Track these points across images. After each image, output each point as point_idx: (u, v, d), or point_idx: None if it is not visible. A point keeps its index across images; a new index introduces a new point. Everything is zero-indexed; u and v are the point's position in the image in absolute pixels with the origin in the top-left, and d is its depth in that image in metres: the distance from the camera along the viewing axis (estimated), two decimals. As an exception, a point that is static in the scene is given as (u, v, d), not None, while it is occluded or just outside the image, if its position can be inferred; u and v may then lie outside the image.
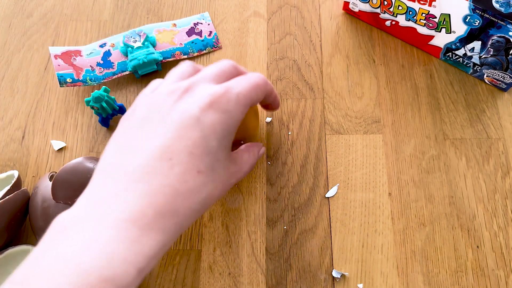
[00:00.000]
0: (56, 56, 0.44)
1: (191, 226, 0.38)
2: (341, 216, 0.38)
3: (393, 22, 0.45)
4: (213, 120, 0.27)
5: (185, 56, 0.46)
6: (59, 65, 0.44)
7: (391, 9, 0.43)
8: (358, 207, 0.38)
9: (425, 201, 0.39)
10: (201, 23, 0.48)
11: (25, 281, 0.21)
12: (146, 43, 0.45)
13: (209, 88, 0.28)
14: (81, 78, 0.44)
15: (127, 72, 0.44)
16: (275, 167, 0.40)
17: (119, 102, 0.44)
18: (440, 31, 0.42)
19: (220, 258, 0.37)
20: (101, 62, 0.45)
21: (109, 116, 0.42)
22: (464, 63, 0.43)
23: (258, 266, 0.36)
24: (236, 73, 0.31)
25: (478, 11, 0.38)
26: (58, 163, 0.41)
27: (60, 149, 0.42)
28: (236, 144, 0.35)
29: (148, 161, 0.25)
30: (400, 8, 0.43)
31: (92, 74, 0.44)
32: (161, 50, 0.45)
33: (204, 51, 0.46)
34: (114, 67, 0.45)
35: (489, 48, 0.40)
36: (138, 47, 0.44)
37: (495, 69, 0.41)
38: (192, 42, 0.47)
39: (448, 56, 0.44)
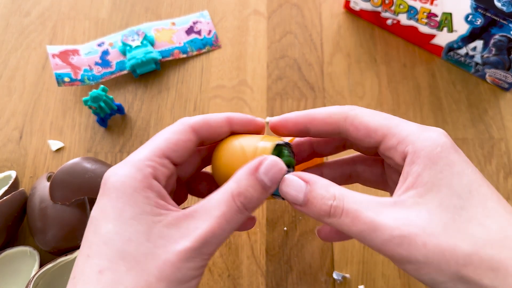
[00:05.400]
0: (53, 55, 0.44)
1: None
2: (342, 217, 0.38)
3: (395, 21, 0.44)
4: (98, 203, 0.23)
5: (184, 55, 0.45)
6: (56, 64, 0.43)
7: (393, 8, 0.43)
8: (359, 208, 0.38)
9: (426, 202, 0.38)
10: (200, 22, 0.47)
11: None
12: (144, 42, 0.44)
13: None
14: (79, 77, 0.43)
15: (125, 71, 0.44)
16: (275, 167, 0.40)
17: (117, 101, 0.43)
18: (442, 30, 0.42)
19: (219, 260, 0.36)
20: (99, 61, 0.45)
21: (107, 116, 0.41)
22: (466, 63, 0.43)
23: (258, 268, 0.36)
24: None
25: (480, 10, 0.37)
26: (56, 163, 0.41)
27: (58, 149, 0.42)
28: None
29: None
30: (401, 6, 0.42)
31: (90, 74, 0.44)
32: (159, 49, 0.45)
33: (204, 50, 0.46)
34: (112, 66, 0.44)
35: (491, 48, 0.39)
36: (137, 46, 0.44)
37: (497, 68, 0.41)
38: (191, 41, 0.46)
39: (450, 55, 0.43)
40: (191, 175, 0.29)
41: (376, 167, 0.29)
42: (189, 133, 0.25)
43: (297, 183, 0.24)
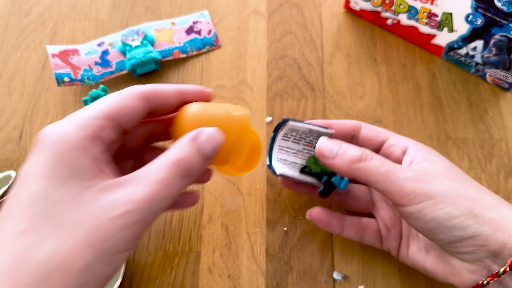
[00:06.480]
0: (53, 55, 0.44)
1: (190, 228, 0.38)
2: (342, 217, 0.38)
3: (395, 21, 0.44)
4: (30, 159, 0.21)
5: (184, 55, 0.45)
6: (56, 64, 0.43)
7: (393, 8, 0.43)
8: (359, 208, 0.38)
9: (427, 202, 0.38)
10: (200, 22, 0.47)
11: None
12: (144, 42, 0.44)
13: None
14: (79, 77, 0.43)
15: (125, 71, 0.44)
16: (275, 167, 0.40)
17: (117, 101, 0.43)
18: (442, 30, 0.42)
19: (219, 260, 0.36)
20: (99, 61, 0.45)
21: (107, 116, 0.41)
22: (466, 63, 0.43)
23: (258, 268, 0.36)
24: None
25: (480, 10, 0.37)
26: (56, 163, 0.41)
27: (58, 149, 0.42)
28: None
29: None
30: (401, 6, 0.42)
31: (90, 73, 0.44)
32: (159, 49, 0.45)
33: (203, 50, 0.46)
34: (112, 66, 0.44)
35: (492, 47, 0.39)
36: (137, 46, 0.44)
37: (497, 68, 0.41)
38: (191, 41, 0.46)
39: (450, 55, 0.43)
40: (137, 146, 0.29)
41: None
42: (139, 99, 0.25)
43: (332, 141, 0.30)
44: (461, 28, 0.40)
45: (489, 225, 0.25)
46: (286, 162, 0.35)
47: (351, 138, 0.34)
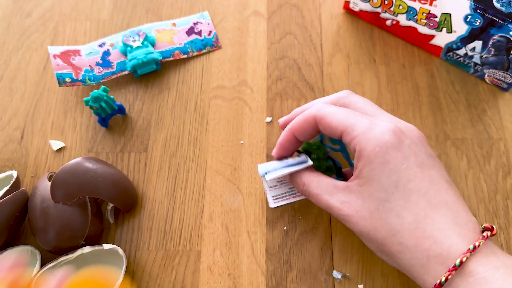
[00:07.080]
0: (55, 56, 0.44)
1: (191, 227, 0.38)
2: (342, 217, 0.38)
3: (394, 22, 0.45)
4: None
5: (185, 56, 0.46)
6: (58, 65, 0.43)
7: (392, 9, 0.43)
8: (359, 208, 0.38)
9: (426, 201, 0.38)
10: (201, 23, 0.48)
11: None
12: (145, 42, 0.44)
13: None
14: (80, 77, 0.44)
15: (126, 72, 0.44)
16: (275, 167, 0.40)
17: (118, 102, 0.44)
18: (441, 31, 0.42)
19: (219, 259, 0.37)
20: (100, 61, 0.45)
21: (108, 116, 0.42)
22: (465, 63, 0.43)
23: (258, 267, 0.36)
24: None
25: (479, 11, 0.37)
26: (57, 163, 0.41)
27: (59, 149, 0.42)
28: None
29: None
30: (401, 7, 0.42)
31: (91, 74, 0.44)
32: (160, 50, 0.45)
33: (204, 51, 0.46)
34: (113, 66, 0.45)
35: (490, 48, 0.40)
36: (138, 47, 0.44)
37: (496, 69, 0.41)
38: (192, 42, 0.46)
39: (449, 55, 0.44)
40: None
41: None
42: None
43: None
44: (460, 28, 0.40)
45: (398, 266, 0.29)
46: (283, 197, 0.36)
47: (317, 132, 0.33)
